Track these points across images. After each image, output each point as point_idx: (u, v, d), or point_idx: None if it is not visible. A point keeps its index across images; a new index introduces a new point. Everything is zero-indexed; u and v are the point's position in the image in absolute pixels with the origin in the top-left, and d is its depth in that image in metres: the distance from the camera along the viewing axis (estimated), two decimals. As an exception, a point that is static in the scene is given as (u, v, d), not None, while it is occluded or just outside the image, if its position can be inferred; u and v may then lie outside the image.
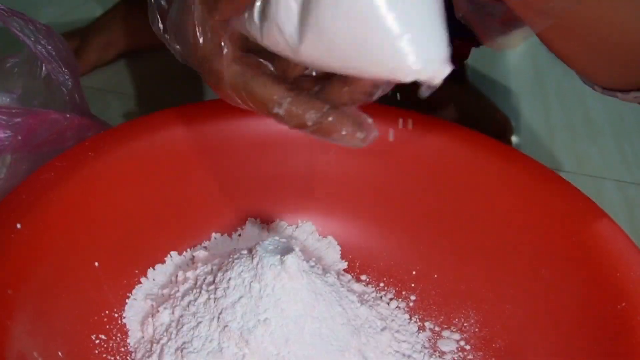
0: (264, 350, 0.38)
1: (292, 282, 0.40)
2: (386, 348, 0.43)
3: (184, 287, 0.44)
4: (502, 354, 0.44)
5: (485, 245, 0.47)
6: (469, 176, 0.48)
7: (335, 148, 0.51)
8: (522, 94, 0.84)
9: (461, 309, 0.47)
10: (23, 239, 0.37)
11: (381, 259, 0.52)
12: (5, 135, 0.38)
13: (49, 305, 0.38)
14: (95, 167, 0.43)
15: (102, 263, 0.43)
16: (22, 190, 0.39)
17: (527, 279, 0.44)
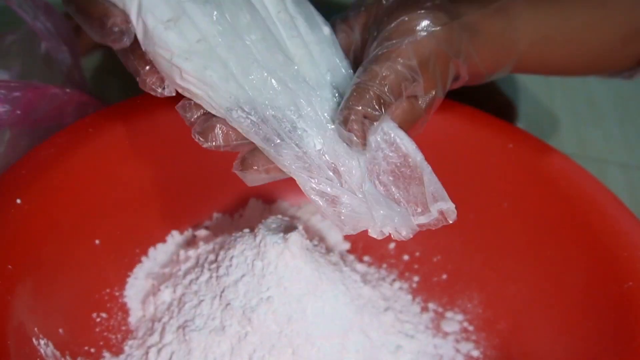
0: (266, 329, 0.38)
1: (295, 260, 0.39)
2: (389, 328, 0.43)
3: (186, 266, 0.43)
4: (505, 334, 0.44)
5: (489, 227, 0.47)
6: (473, 156, 0.47)
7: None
8: (525, 78, 0.83)
9: (465, 291, 0.47)
10: (23, 214, 0.36)
11: (384, 240, 0.51)
12: (4, 110, 0.38)
13: (49, 282, 0.37)
14: (96, 144, 0.42)
15: (102, 241, 0.43)
16: (22, 166, 0.39)
17: (532, 260, 0.44)
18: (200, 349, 0.38)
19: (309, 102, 0.32)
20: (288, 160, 0.31)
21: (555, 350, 0.40)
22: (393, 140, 0.33)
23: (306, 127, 0.31)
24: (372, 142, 0.32)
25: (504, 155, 0.46)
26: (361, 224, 0.33)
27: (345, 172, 0.32)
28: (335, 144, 0.32)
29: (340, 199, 0.32)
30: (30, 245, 0.36)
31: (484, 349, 0.44)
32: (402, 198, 0.34)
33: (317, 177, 0.31)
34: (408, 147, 0.33)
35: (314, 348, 0.38)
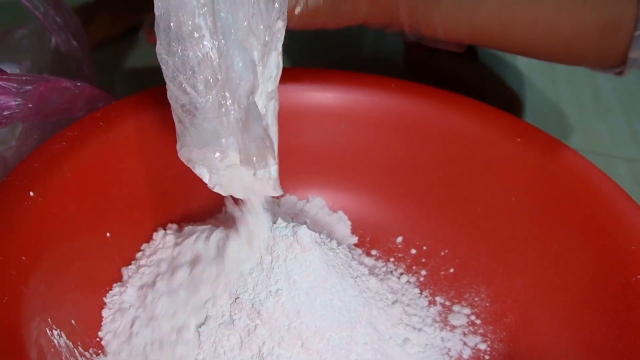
0: (275, 322, 0.38)
1: (304, 254, 0.40)
2: (397, 321, 0.43)
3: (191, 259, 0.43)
4: (513, 328, 0.44)
5: (497, 220, 0.47)
6: (481, 150, 0.48)
7: (347, 122, 0.51)
8: (531, 72, 0.83)
9: (472, 284, 0.47)
10: (36, 207, 0.37)
11: (391, 234, 0.51)
12: (16, 103, 0.38)
13: (61, 273, 0.38)
14: (107, 137, 0.43)
15: (113, 234, 0.43)
16: (35, 159, 0.39)
17: (540, 253, 0.44)
18: (210, 342, 0.38)
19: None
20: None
21: (562, 343, 0.41)
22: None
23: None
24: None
25: (512, 149, 0.46)
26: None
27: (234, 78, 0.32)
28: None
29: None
30: (44, 237, 0.36)
31: (492, 342, 0.44)
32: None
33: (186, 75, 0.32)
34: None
35: (322, 340, 0.38)
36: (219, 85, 0.33)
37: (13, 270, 0.33)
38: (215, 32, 0.32)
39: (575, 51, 0.41)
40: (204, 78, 0.32)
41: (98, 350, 0.39)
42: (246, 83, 0.33)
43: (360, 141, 0.51)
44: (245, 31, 0.33)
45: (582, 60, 0.42)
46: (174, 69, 0.32)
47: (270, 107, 0.35)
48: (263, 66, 0.34)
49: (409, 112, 0.50)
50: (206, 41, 0.32)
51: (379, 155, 0.51)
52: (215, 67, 0.32)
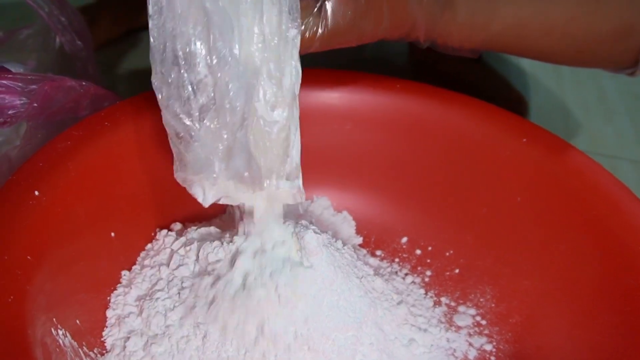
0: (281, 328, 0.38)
1: (312, 258, 0.39)
2: (402, 321, 0.43)
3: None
4: (518, 329, 0.44)
5: (502, 221, 0.47)
6: (486, 151, 0.47)
7: (352, 122, 0.51)
8: (536, 73, 0.83)
9: (477, 285, 0.47)
10: (41, 206, 0.36)
11: (396, 234, 0.51)
12: (21, 102, 0.38)
13: (66, 273, 0.37)
14: (112, 137, 0.43)
15: (117, 233, 0.43)
16: (40, 158, 0.39)
17: (545, 254, 0.44)
18: (213, 347, 0.38)
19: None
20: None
21: (568, 345, 0.40)
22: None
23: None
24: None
25: (517, 150, 0.46)
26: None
27: (229, 109, 0.33)
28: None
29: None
30: (48, 237, 0.36)
31: (497, 343, 0.44)
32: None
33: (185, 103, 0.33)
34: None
35: (329, 341, 0.38)
36: (212, 112, 0.33)
37: (18, 269, 0.33)
38: (210, 59, 0.32)
39: (589, 55, 0.41)
40: (199, 105, 0.33)
41: (102, 351, 0.39)
42: (238, 112, 0.33)
43: (366, 141, 0.51)
44: (245, 55, 0.33)
45: (596, 63, 0.43)
46: (168, 96, 0.33)
47: (291, 116, 0.35)
48: (280, 76, 0.34)
49: (414, 113, 0.50)
50: (201, 68, 0.33)
51: (384, 155, 0.51)
52: (209, 95, 0.33)
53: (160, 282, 0.42)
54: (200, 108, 0.33)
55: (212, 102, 0.33)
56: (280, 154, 0.36)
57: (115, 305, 0.42)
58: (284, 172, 0.36)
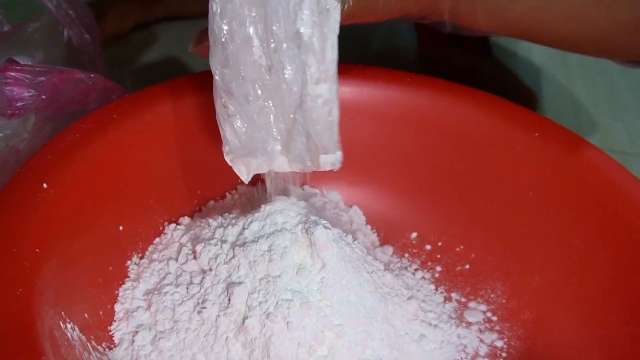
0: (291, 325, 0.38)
1: (323, 254, 0.39)
2: (413, 317, 0.43)
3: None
4: (530, 325, 0.43)
5: (514, 216, 0.46)
6: (497, 145, 0.47)
7: (361, 116, 0.50)
8: (546, 68, 0.83)
9: (488, 281, 0.47)
10: (50, 199, 0.36)
11: (406, 229, 0.51)
12: (30, 94, 0.38)
13: (74, 266, 0.37)
14: (120, 129, 0.42)
15: (125, 227, 0.43)
16: (48, 151, 0.39)
17: (558, 250, 0.43)
18: (219, 345, 0.38)
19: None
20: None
21: (580, 341, 0.40)
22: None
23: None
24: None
25: (529, 144, 0.45)
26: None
27: (286, 91, 0.34)
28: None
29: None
30: (57, 230, 0.36)
31: (508, 339, 0.43)
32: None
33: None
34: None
35: (338, 336, 0.38)
36: (267, 92, 0.34)
37: (27, 262, 0.32)
38: (267, 41, 0.33)
39: (611, 44, 0.40)
40: (254, 87, 0.34)
41: (111, 345, 0.39)
42: (294, 95, 0.34)
43: (375, 136, 0.51)
44: (294, 33, 0.34)
45: (618, 53, 0.42)
46: (229, 79, 0.34)
47: (334, 89, 0.36)
48: (323, 50, 0.35)
49: (424, 107, 0.49)
50: (256, 50, 0.34)
51: (394, 150, 0.50)
52: (264, 77, 0.34)
53: (169, 276, 0.42)
54: (255, 90, 0.34)
55: (266, 84, 0.34)
56: (323, 127, 0.36)
57: (123, 299, 0.41)
58: (328, 146, 0.36)
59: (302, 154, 0.36)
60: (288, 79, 0.34)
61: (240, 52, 0.34)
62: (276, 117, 0.35)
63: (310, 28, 0.34)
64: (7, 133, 0.46)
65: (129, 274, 0.43)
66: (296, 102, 0.34)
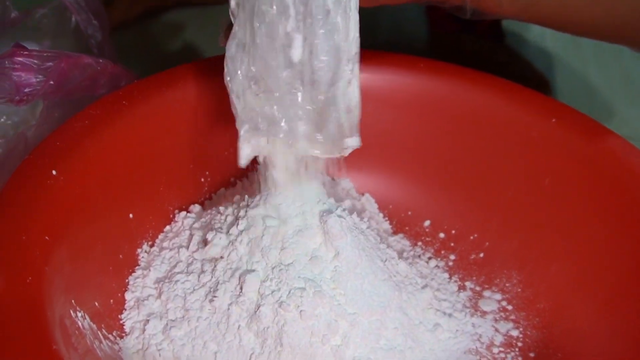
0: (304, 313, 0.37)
1: (336, 242, 0.38)
2: (427, 306, 0.42)
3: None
4: (546, 314, 0.43)
5: (530, 204, 0.45)
6: (513, 131, 0.46)
7: (374, 102, 0.49)
8: (559, 54, 0.81)
9: (503, 269, 0.46)
10: (59, 186, 0.36)
11: (419, 217, 0.50)
12: (37, 80, 0.37)
13: (84, 254, 0.37)
14: (130, 116, 0.42)
15: (136, 215, 0.42)
16: (57, 137, 0.38)
17: (575, 238, 0.42)
18: (231, 335, 0.37)
19: None
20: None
21: (599, 331, 0.39)
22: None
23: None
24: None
25: (546, 130, 0.44)
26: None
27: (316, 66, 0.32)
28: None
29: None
30: (66, 217, 0.35)
31: (524, 328, 0.43)
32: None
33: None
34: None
35: (352, 325, 0.37)
36: (297, 71, 0.33)
37: (37, 250, 0.32)
38: (303, 14, 0.32)
39: (631, 30, 0.40)
40: (285, 62, 0.33)
41: (121, 333, 0.38)
42: (328, 71, 0.33)
43: (388, 122, 0.50)
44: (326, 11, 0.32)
45: (634, 39, 0.41)
46: (261, 50, 0.33)
47: (356, 69, 0.35)
48: (348, 29, 0.33)
49: (438, 92, 0.48)
50: (291, 22, 0.32)
51: (407, 136, 0.50)
52: (298, 52, 0.32)
53: (180, 264, 0.41)
54: (285, 65, 0.33)
55: (298, 61, 0.33)
56: (344, 109, 0.35)
57: (134, 287, 0.41)
58: (350, 129, 0.35)
59: (335, 137, 0.34)
60: (322, 56, 0.32)
61: (275, 21, 0.32)
62: (304, 96, 0.34)
63: (334, 5, 0.32)
64: (15, 120, 0.45)
65: (139, 262, 0.43)
66: (328, 82, 0.33)
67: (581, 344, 0.40)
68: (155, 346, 0.37)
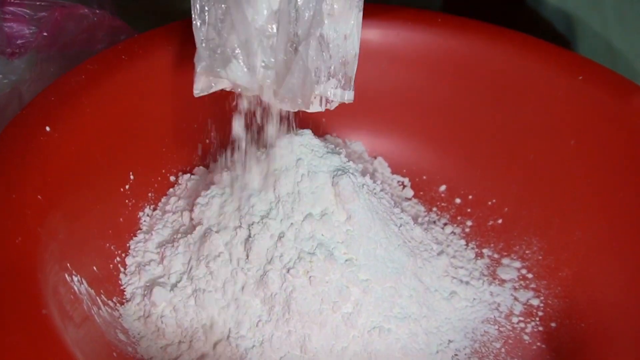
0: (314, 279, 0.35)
1: (347, 205, 0.36)
2: (443, 273, 0.40)
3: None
4: (569, 283, 0.40)
5: (553, 167, 0.43)
6: (537, 90, 0.43)
7: (388, 60, 0.47)
8: (580, 16, 0.78)
9: (522, 236, 0.44)
10: (53, 143, 0.33)
11: (434, 182, 0.48)
12: (30, 32, 0.35)
13: (81, 216, 0.35)
14: (129, 72, 0.39)
15: (137, 175, 0.40)
16: (51, 92, 0.36)
17: (602, 202, 0.40)
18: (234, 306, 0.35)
19: None
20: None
21: (624, 301, 0.37)
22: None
23: None
24: None
25: (572, 89, 0.42)
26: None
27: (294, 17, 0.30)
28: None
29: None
30: (61, 176, 0.33)
31: (545, 297, 0.41)
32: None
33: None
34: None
35: (365, 293, 0.35)
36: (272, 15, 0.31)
37: (27, 209, 0.30)
38: None
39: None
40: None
41: (122, 299, 0.37)
42: (304, 23, 0.31)
43: (403, 82, 0.47)
44: None
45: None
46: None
47: (358, 22, 0.33)
48: None
49: (457, 49, 0.45)
50: None
51: (423, 96, 0.47)
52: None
53: (183, 228, 0.39)
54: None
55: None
56: (341, 61, 0.33)
57: (135, 252, 0.39)
58: (342, 81, 0.33)
59: (295, 90, 0.31)
60: (301, 4, 0.30)
61: None
62: (277, 44, 0.31)
63: None
64: (12, 79, 0.43)
65: (141, 226, 0.41)
66: (304, 32, 0.31)
67: (605, 314, 0.38)
68: (156, 313, 0.36)
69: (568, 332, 0.38)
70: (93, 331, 0.32)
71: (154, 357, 0.34)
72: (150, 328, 0.36)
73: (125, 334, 0.34)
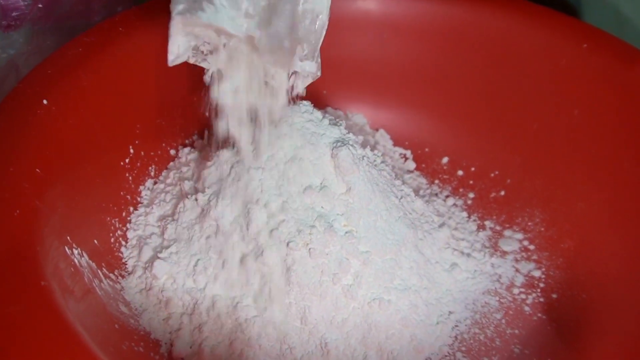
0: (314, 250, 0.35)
1: (347, 177, 0.36)
2: (444, 245, 0.40)
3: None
4: (571, 254, 0.40)
5: (556, 138, 0.42)
6: (540, 58, 0.43)
7: (390, 30, 0.46)
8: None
9: (525, 208, 0.43)
10: (50, 116, 0.33)
11: (436, 154, 0.48)
12: (25, 3, 0.34)
13: (82, 189, 0.35)
14: (127, 43, 0.39)
15: (137, 149, 0.40)
16: (48, 65, 0.35)
17: (606, 173, 0.39)
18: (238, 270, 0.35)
19: None
20: None
21: (626, 273, 0.37)
22: None
23: None
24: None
25: (576, 57, 0.41)
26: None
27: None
28: None
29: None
30: (60, 148, 0.33)
31: (547, 269, 0.40)
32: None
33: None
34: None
35: (365, 264, 0.35)
36: None
37: (25, 182, 0.30)
38: None
39: None
40: None
41: (123, 272, 0.37)
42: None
43: (404, 52, 0.47)
44: None
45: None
46: None
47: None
48: None
49: (459, 18, 0.45)
50: None
51: (425, 67, 0.47)
52: None
53: (184, 201, 0.39)
54: None
55: None
56: (310, 29, 0.31)
57: (136, 225, 0.39)
58: (311, 50, 0.32)
59: (281, 35, 0.29)
60: None
61: None
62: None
63: None
64: (11, 53, 0.43)
65: (142, 199, 0.41)
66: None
67: (607, 286, 0.37)
68: (158, 286, 0.36)
69: (569, 304, 0.38)
70: (95, 304, 0.32)
71: (156, 329, 0.35)
72: (152, 300, 0.36)
73: (127, 307, 0.35)
